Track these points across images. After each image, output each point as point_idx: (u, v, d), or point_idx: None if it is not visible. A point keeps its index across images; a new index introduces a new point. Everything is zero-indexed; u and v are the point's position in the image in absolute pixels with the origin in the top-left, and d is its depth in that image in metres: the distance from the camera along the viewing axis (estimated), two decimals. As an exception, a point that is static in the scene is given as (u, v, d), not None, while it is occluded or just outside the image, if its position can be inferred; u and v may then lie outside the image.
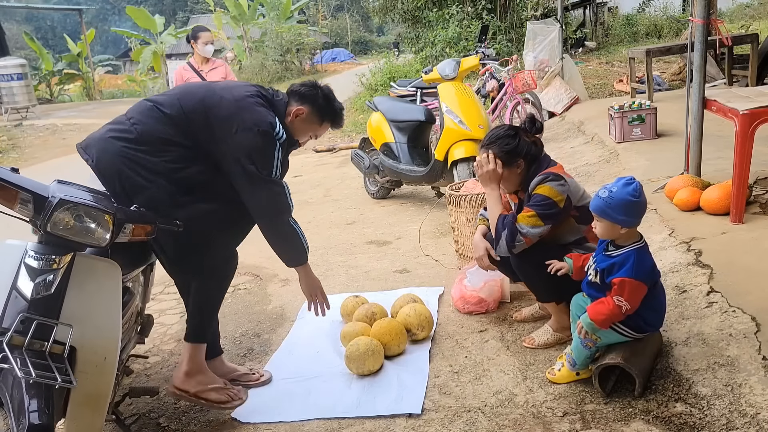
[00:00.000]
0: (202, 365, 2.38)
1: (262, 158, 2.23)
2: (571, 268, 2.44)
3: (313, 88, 2.43)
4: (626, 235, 2.17)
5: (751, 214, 3.24)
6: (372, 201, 5.79)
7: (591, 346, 2.25)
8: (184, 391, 2.33)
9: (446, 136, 4.73)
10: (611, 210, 2.12)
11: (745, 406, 1.94)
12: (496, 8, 13.11)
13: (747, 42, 7.10)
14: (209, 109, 2.24)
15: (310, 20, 33.96)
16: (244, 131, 2.19)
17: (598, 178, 4.86)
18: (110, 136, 2.21)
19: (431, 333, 2.90)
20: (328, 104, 2.44)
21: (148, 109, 2.27)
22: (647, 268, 2.17)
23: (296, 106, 2.38)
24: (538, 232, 2.46)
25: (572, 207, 2.47)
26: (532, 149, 2.56)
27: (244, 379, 2.65)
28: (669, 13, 16.57)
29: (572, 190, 2.47)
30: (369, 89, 13.12)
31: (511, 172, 2.57)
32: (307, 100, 2.40)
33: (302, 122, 2.41)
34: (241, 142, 2.20)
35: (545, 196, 2.44)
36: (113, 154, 2.17)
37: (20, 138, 12.09)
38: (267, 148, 2.24)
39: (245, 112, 2.22)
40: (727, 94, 3.58)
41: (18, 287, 1.77)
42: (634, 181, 2.15)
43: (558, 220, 2.49)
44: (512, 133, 2.57)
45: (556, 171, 2.50)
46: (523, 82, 6.91)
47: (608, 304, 2.14)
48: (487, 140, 2.60)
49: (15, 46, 24.46)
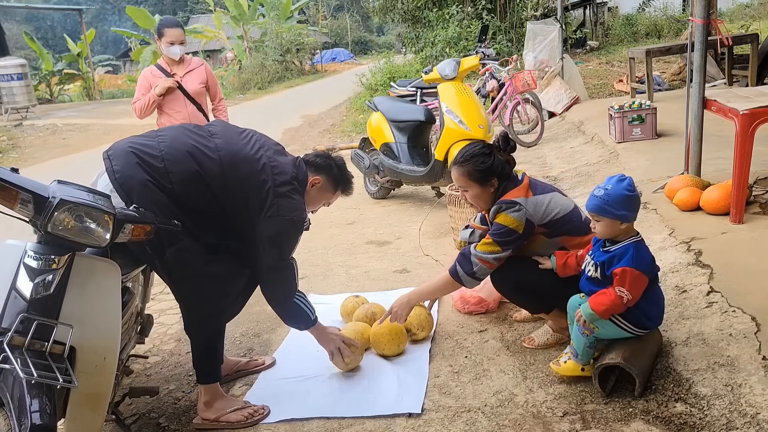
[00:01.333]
0: (217, 393, 2.44)
1: (288, 244, 2.35)
2: (554, 265, 2.49)
3: (327, 159, 2.53)
4: (624, 230, 2.20)
5: (751, 214, 3.24)
6: (372, 201, 5.79)
7: (588, 334, 2.26)
8: (206, 419, 2.40)
9: (446, 136, 4.73)
10: (610, 207, 2.14)
11: (745, 406, 1.94)
12: (496, 8, 13.12)
13: (747, 42, 7.11)
14: (252, 190, 2.26)
15: (310, 20, 34.00)
16: (274, 219, 2.25)
17: (598, 178, 4.86)
18: (147, 179, 2.14)
19: (431, 333, 2.90)
20: (341, 173, 2.54)
21: (193, 175, 2.20)
22: (647, 259, 2.21)
23: (312, 176, 2.45)
24: (495, 256, 2.48)
25: (534, 227, 2.46)
26: (506, 168, 2.55)
27: (251, 366, 2.79)
28: (669, 13, 16.59)
29: (531, 211, 2.44)
30: (369, 89, 13.13)
31: (485, 191, 2.56)
32: (322, 170, 2.48)
33: (318, 191, 2.49)
34: (270, 226, 2.25)
35: (502, 225, 2.45)
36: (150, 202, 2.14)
37: (20, 138, 12.09)
38: (294, 236, 2.35)
39: (283, 199, 2.27)
40: (727, 94, 3.58)
41: (17, 287, 1.77)
42: (627, 177, 2.20)
43: (520, 244, 2.50)
44: (487, 151, 2.54)
45: (514, 194, 2.47)
46: (523, 82, 6.91)
47: (610, 294, 2.16)
48: (461, 157, 2.57)
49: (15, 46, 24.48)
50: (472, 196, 2.60)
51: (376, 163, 5.50)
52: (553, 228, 2.47)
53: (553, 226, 2.46)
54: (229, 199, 2.25)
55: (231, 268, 2.34)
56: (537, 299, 2.65)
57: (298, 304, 2.45)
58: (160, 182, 2.15)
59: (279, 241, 2.29)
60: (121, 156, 2.17)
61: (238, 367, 2.77)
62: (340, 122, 11.87)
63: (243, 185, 2.25)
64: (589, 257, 2.32)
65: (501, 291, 2.75)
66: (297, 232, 2.35)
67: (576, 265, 2.44)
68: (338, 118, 12.50)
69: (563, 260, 2.47)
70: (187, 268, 2.23)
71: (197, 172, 2.20)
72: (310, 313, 2.49)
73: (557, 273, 2.49)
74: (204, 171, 2.21)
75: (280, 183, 2.28)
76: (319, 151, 2.71)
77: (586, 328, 2.25)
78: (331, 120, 12.15)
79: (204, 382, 2.42)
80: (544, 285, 2.53)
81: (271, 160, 2.33)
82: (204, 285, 2.26)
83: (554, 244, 2.53)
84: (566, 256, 2.47)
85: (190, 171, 2.19)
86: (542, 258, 2.55)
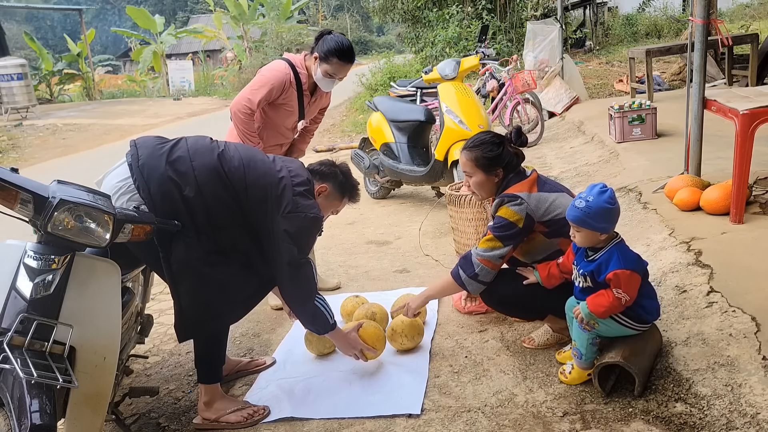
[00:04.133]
0: (218, 393, 2.44)
1: (306, 242, 2.35)
2: (539, 278, 2.48)
3: (331, 166, 2.55)
4: (605, 239, 2.21)
5: (751, 214, 3.24)
6: (372, 201, 5.79)
7: (589, 330, 2.26)
8: (206, 419, 2.41)
9: (446, 136, 4.73)
10: (590, 219, 2.15)
11: (745, 406, 1.94)
12: (496, 8, 13.12)
13: (747, 42, 7.10)
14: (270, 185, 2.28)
15: (310, 20, 33.97)
16: (293, 215, 2.26)
17: (598, 178, 4.86)
18: (169, 175, 2.17)
19: (420, 342, 2.83)
20: (347, 180, 2.56)
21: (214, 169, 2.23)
22: (633, 257, 2.21)
23: (318, 185, 2.47)
24: (497, 254, 2.45)
25: (534, 223, 2.45)
26: (513, 160, 2.54)
27: (252, 366, 2.80)
28: (669, 13, 16.58)
29: (533, 207, 2.42)
30: (369, 89, 13.12)
31: (488, 180, 2.55)
32: (327, 178, 2.50)
33: (325, 199, 2.50)
34: (289, 222, 2.25)
35: (502, 217, 2.44)
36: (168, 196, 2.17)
37: (20, 138, 12.08)
38: (313, 233, 2.37)
39: (300, 198, 2.29)
40: (727, 94, 3.58)
41: (17, 287, 1.77)
42: (608, 188, 2.19)
43: (520, 240, 2.48)
44: (497, 140, 2.55)
45: (518, 188, 2.47)
46: (523, 82, 6.91)
47: (608, 296, 2.17)
48: (471, 143, 2.58)
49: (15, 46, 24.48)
50: (474, 183, 2.59)
51: (376, 163, 5.50)
52: (553, 228, 2.46)
53: (554, 226, 2.45)
54: (247, 193, 2.25)
55: (235, 274, 2.29)
56: (528, 311, 2.66)
57: (318, 307, 2.41)
58: (184, 176, 2.18)
59: (298, 237, 2.28)
60: (148, 147, 2.25)
61: (239, 368, 2.78)
62: (339, 122, 11.88)
63: (261, 180, 2.28)
64: (575, 270, 2.32)
65: (490, 305, 2.73)
66: (315, 230, 2.37)
67: (559, 273, 2.44)
68: (338, 118, 12.50)
69: (546, 272, 2.46)
70: (188, 267, 2.20)
71: (218, 166, 2.23)
72: (329, 316, 2.44)
73: (543, 285, 2.47)
74: (224, 165, 2.24)
75: (297, 183, 2.32)
76: (323, 158, 2.70)
77: (587, 324, 2.25)
78: (331, 120, 12.14)
79: (205, 381, 2.41)
80: (532, 297, 2.53)
81: (286, 162, 2.41)
82: (201, 286, 2.23)
83: (552, 245, 2.51)
84: (548, 267, 2.46)
85: (212, 165, 2.23)
86: (526, 270, 2.54)
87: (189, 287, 2.23)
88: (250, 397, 2.56)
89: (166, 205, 2.15)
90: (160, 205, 2.14)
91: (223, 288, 2.27)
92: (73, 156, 10.22)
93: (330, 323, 2.45)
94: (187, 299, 2.25)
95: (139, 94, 21.79)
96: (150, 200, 2.14)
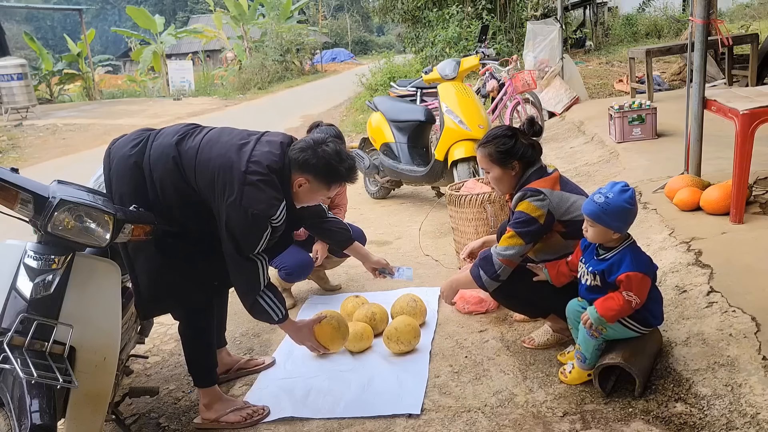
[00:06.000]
0: (216, 395, 2.44)
1: (245, 238, 2.15)
2: (548, 276, 2.48)
3: (313, 154, 2.20)
4: (617, 237, 2.20)
5: (751, 214, 3.24)
6: (372, 201, 5.79)
7: (597, 336, 2.25)
8: (207, 419, 2.41)
9: (446, 136, 4.73)
10: (607, 216, 2.13)
11: (745, 406, 1.94)
12: (496, 8, 13.11)
13: (747, 42, 7.10)
14: (219, 168, 2.16)
15: (310, 20, 33.97)
16: (235, 207, 2.10)
17: (598, 178, 4.86)
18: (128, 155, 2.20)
19: (418, 343, 2.83)
20: (329, 170, 2.23)
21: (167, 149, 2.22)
22: (645, 260, 2.21)
23: (297, 177, 2.23)
24: (518, 252, 2.42)
25: (554, 221, 2.42)
26: (528, 152, 2.52)
27: (251, 365, 2.80)
28: (669, 13, 16.58)
29: (555, 205, 2.40)
30: (369, 89, 13.13)
31: (505, 173, 2.53)
32: (307, 169, 2.21)
33: (307, 192, 2.28)
34: (230, 214, 2.12)
35: (523, 212, 2.41)
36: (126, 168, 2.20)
37: (20, 138, 12.07)
38: (255, 231, 2.15)
39: (249, 188, 2.11)
40: (727, 94, 3.58)
41: (17, 287, 1.77)
42: (630, 188, 2.18)
43: (539, 237, 2.45)
44: (510, 133, 2.54)
45: (540, 184, 2.44)
46: (523, 82, 6.90)
47: (618, 299, 2.16)
48: (485, 139, 2.58)
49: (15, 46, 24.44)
50: (493, 178, 2.58)
51: (376, 163, 5.50)
52: (571, 229, 2.43)
53: (572, 227, 2.42)
54: (195, 175, 2.18)
55: (189, 256, 2.26)
56: (533, 307, 2.66)
57: (260, 303, 2.26)
58: (141, 156, 2.21)
59: (235, 232, 2.13)
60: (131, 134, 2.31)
61: (239, 366, 2.78)
62: (340, 122, 11.87)
63: (212, 162, 2.16)
64: (583, 266, 2.31)
65: (497, 299, 2.73)
66: (257, 228, 2.13)
67: (568, 272, 2.43)
68: (338, 118, 12.50)
69: (555, 270, 2.46)
70: (141, 245, 2.16)
71: (171, 146, 2.22)
72: (275, 314, 2.29)
73: (552, 284, 2.47)
74: (180, 145, 2.22)
75: (252, 171, 2.11)
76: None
77: (596, 330, 2.24)
78: (331, 120, 12.13)
79: (200, 385, 2.42)
80: (540, 295, 2.54)
81: (255, 148, 2.20)
82: (154, 264, 2.21)
83: (566, 247, 2.48)
84: (557, 266, 2.46)
85: (166, 144, 2.23)
86: (536, 268, 2.53)
87: (142, 266, 2.22)
88: (250, 397, 2.56)
89: (124, 185, 2.17)
90: (118, 185, 2.18)
91: (175, 268, 2.24)
92: (73, 156, 10.22)
93: (275, 319, 2.31)
94: (143, 278, 2.24)
95: (139, 94, 21.77)
96: (108, 180, 2.19)
